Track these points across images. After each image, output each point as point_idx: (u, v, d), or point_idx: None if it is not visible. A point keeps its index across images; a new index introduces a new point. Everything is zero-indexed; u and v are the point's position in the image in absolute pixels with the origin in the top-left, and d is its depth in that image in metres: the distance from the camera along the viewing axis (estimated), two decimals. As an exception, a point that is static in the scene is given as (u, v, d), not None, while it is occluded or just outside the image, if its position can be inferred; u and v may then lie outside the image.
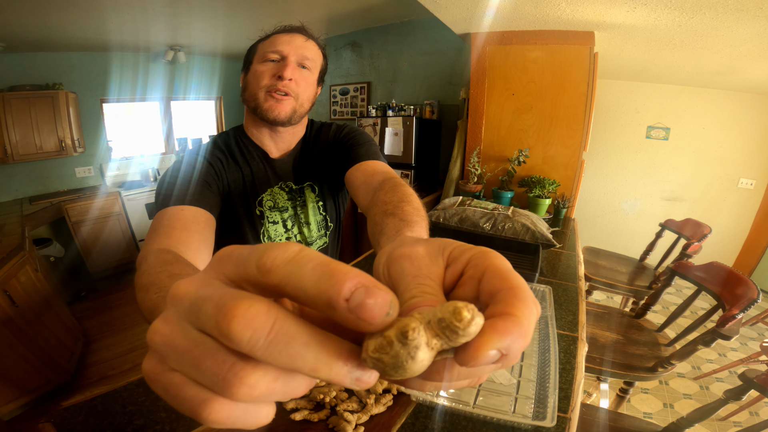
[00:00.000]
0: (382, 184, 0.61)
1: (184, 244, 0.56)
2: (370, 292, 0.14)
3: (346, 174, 0.79)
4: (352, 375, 0.16)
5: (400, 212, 0.46)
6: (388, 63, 3.52)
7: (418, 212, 0.47)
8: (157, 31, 3.11)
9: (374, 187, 0.64)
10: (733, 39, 1.75)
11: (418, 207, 0.49)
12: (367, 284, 0.14)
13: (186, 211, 0.63)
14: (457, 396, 0.65)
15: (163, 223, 0.60)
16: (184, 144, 4.18)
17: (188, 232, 0.59)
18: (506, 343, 0.15)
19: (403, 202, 0.49)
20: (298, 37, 0.78)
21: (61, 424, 0.56)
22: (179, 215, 0.62)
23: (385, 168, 0.74)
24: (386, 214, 0.47)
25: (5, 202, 3.00)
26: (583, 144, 2.15)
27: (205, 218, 0.66)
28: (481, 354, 0.15)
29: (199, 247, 0.59)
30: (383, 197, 0.54)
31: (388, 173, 0.70)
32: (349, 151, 0.83)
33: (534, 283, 0.97)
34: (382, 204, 0.51)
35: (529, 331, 0.16)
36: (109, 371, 2.13)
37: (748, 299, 1.03)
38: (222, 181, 0.79)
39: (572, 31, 2.01)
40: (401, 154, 2.90)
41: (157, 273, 0.43)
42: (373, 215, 0.51)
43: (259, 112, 0.77)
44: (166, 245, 0.54)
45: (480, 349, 0.15)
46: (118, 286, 3.25)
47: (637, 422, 1.04)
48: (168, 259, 0.47)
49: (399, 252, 0.23)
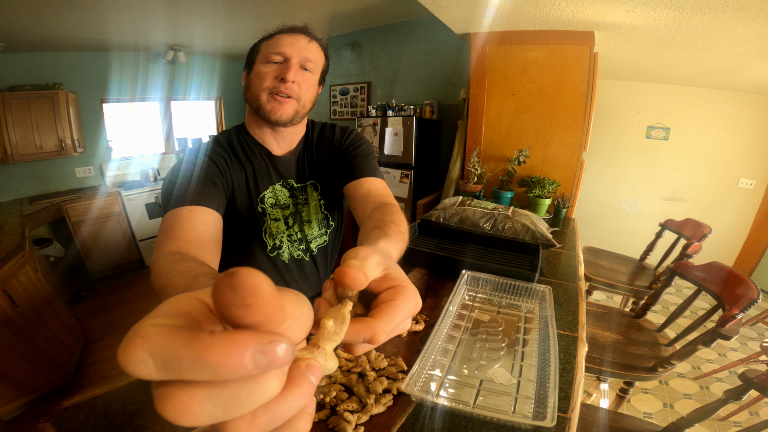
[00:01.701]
0: (381, 207, 0.68)
1: (194, 244, 0.58)
2: (267, 349, 0.15)
3: (348, 186, 0.83)
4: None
5: (387, 229, 0.53)
6: (388, 63, 3.52)
7: (400, 235, 0.52)
8: (157, 31, 3.11)
9: (373, 206, 0.70)
10: (733, 39, 1.75)
11: (403, 231, 0.55)
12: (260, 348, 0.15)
13: (194, 211, 0.65)
14: (457, 396, 0.65)
15: (171, 225, 0.61)
16: (184, 144, 4.18)
17: (197, 233, 0.61)
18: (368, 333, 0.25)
19: (392, 224, 0.55)
20: (301, 38, 0.78)
21: (61, 424, 0.56)
22: (188, 216, 0.63)
23: (385, 189, 0.82)
24: (375, 228, 0.54)
25: (5, 202, 3.00)
26: (583, 144, 2.15)
27: (212, 218, 0.67)
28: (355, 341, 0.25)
29: (208, 246, 0.61)
30: (378, 216, 0.61)
31: (388, 197, 0.77)
32: (353, 163, 0.87)
33: (534, 283, 0.97)
34: (375, 220, 0.58)
35: (386, 328, 0.26)
36: (109, 371, 2.12)
37: (748, 299, 1.03)
38: (226, 179, 0.80)
39: (572, 31, 2.01)
40: (401, 154, 2.89)
41: (167, 273, 0.46)
42: (365, 227, 0.59)
43: (261, 113, 0.78)
44: (175, 247, 0.56)
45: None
46: (118, 286, 3.25)
47: (637, 422, 1.04)
48: (176, 258, 0.50)
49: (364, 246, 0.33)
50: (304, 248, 0.95)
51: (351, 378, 0.66)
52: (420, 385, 0.65)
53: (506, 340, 0.80)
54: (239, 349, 0.14)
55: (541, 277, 1.17)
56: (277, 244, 0.91)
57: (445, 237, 1.41)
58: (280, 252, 0.92)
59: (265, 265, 0.92)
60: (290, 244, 0.93)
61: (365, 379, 0.65)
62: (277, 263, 0.92)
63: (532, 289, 0.96)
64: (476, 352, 0.76)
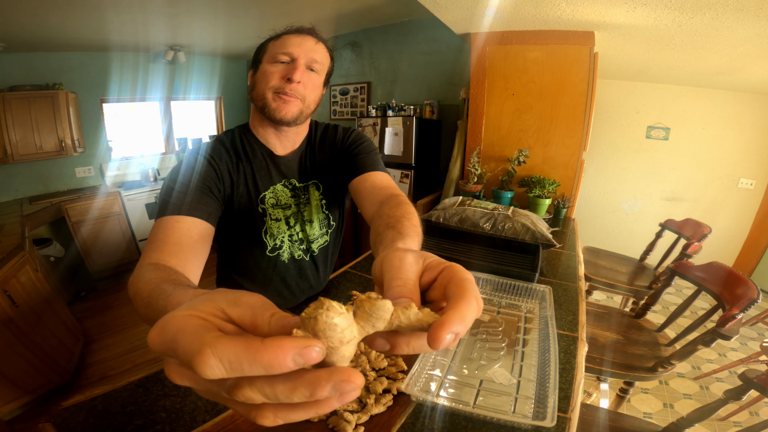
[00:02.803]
0: (387, 199, 0.68)
1: (176, 256, 0.59)
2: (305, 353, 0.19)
3: (353, 182, 0.84)
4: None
5: (400, 226, 0.52)
6: (388, 63, 3.52)
7: (414, 228, 0.53)
8: (157, 31, 3.11)
9: (380, 200, 0.70)
10: (733, 39, 1.75)
11: (416, 224, 0.55)
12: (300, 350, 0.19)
13: (180, 222, 0.66)
14: (458, 396, 0.65)
15: (158, 236, 0.63)
16: (184, 144, 4.18)
17: (179, 246, 0.62)
18: (455, 328, 0.23)
19: (404, 218, 0.55)
20: (308, 39, 0.79)
21: (61, 424, 0.56)
22: (174, 227, 0.64)
23: (390, 182, 0.83)
24: (387, 227, 0.53)
25: (5, 202, 3.00)
26: (583, 144, 2.15)
27: (198, 230, 0.67)
28: (442, 336, 0.23)
29: (189, 259, 0.62)
30: (387, 211, 0.60)
31: (394, 189, 0.77)
32: (356, 159, 0.88)
33: (534, 283, 0.97)
34: (385, 217, 0.58)
35: (467, 318, 0.25)
36: (109, 371, 2.13)
37: (748, 299, 1.03)
38: (223, 182, 0.80)
39: (572, 31, 2.01)
40: (401, 154, 2.89)
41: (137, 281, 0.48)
42: (376, 226, 0.58)
43: (266, 112, 0.79)
44: (155, 259, 0.58)
45: (441, 332, 0.23)
46: (118, 286, 3.25)
47: (637, 422, 1.04)
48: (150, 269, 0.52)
49: (391, 254, 0.32)
50: (304, 248, 0.96)
51: (351, 378, 0.66)
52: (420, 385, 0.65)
53: (506, 340, 0.80)
54: (283, 352, 0.19)
55: (541, 277, 1.17)
56: (278, 245, 0.91)
57: (445, 237, 1.41)
58: (281, 252, 0.92)
59: (265, 265, 0.92)
60: (291, 244, 0.93)
61: (365, 379, 0.65)
62: (276, 263, 0.92)
63: (532, 289, 0.96)
64: (476, 352, 0.76)
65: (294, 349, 0.19)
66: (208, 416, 0.59)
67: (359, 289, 1.04)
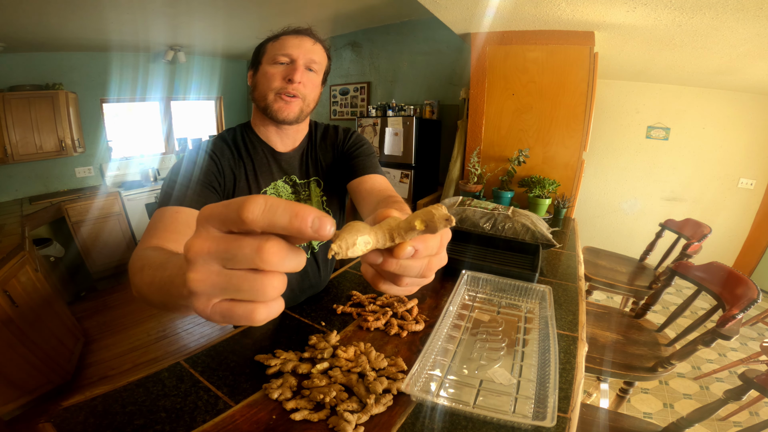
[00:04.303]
0: (386, 199, 0.71)
1: (176, 243, 0.60)
2: (322, 220, 0.22)
3: (352, 183, 0.88)
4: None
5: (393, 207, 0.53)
6: (388, 63, 3.52)
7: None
8: (157, 31, 3.11)
9: (378, 200, 0.74)
10: (733, 39, 1.75)
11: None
12: (319, 216, 0.22)
13: (181, 213, 0.66)
14: (457, 396, 0.65)
15: (157, 225, 0.63)
16: (184, 144, 4.19)
17: (178, 234, 0.62)
18: (417, 246, 0.27)
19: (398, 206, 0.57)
20: (306, 40, 0.82)
21: (61, 424, 0.56)
22: (174, 217, 0.65)
23: (387, 185, 0.86)
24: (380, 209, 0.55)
25: (5, 202, 3.00)
26: (583, 144, 2.15)
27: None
28: (404, 246, 0.27)
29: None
30: (383, 206, 0.63)
31: (390, 191, 0.81)
32: (356, 161, 0.91)
33: (534, 283, 0.97)
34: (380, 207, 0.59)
35: (429, 243, 0.28)
36: (109, 371, 2.13)
37: (748, 299, 1.03)
38: (224, 177, 0.82)
39: (572, 31, 2.01)
40: (401, 154, 2.89)
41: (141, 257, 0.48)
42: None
43: (268, 113, 0.82)
44: (156, 244, 0.58)
45: (401, 247, 0.27)
46: (118, 286, 3.25)
47: (637, 422, 1.04)
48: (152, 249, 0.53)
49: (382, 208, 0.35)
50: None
51: (351, 378, 0.66)
52: (420, 385, 0.65)
53: (506, 340, 0.80)
54: (309, 210, 0.22)
55: (541, 277, 1.17)
56: None
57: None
58: None
59: None
60: None
61: (365, 379, 0.65)
62: None
63: (532, 289, 0.96)
64: (476, 352, 0.76)
65: (316, 212, 0.22)
66: (208, 416, 0.59)
67: (359, 289, 1.04)
